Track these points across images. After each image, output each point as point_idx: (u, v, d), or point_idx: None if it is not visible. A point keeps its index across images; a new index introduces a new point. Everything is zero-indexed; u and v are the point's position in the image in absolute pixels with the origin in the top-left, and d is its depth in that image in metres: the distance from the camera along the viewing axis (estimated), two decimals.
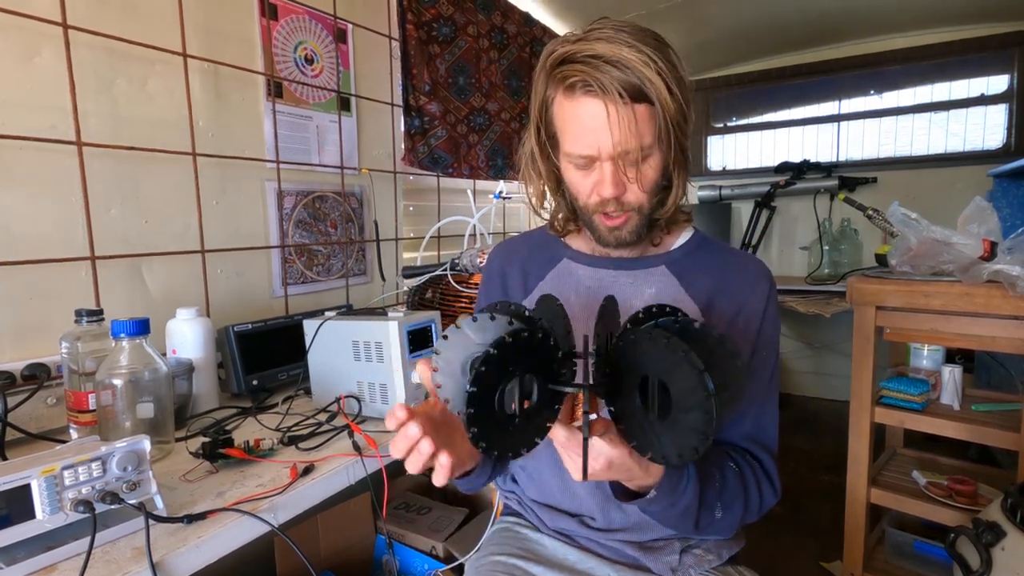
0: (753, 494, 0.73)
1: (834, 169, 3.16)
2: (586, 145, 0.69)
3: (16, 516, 0.59)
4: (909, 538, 1.59)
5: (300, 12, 1.49)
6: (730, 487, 0.70)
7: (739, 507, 0.71)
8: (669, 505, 0.64)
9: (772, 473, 0.76)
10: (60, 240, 1.06)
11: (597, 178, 0.71)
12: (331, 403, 1.06)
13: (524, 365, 0.50)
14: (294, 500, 0.78)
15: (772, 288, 0.79)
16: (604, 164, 0.69)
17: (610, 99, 0.65)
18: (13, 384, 0.94)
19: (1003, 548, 1.03)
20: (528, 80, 2.34)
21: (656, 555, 0.80)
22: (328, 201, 1.61)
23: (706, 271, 0.79)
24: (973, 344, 1.39)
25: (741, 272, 0.79)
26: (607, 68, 0.64)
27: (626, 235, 0.75)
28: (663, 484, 0.62)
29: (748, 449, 0.77)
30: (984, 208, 1.33)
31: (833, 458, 2.49)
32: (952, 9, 2.64)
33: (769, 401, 0.78)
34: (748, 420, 0.77)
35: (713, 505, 0.68)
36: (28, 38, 1.00)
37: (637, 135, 0.66)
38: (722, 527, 0.71)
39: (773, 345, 0.78)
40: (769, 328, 0.78)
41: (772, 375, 0.78)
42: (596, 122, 0.66)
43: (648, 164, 0.70)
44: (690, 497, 0.64)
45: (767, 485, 0.75)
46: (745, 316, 0.77)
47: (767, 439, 0.78)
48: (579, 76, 0.66)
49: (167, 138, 1.21)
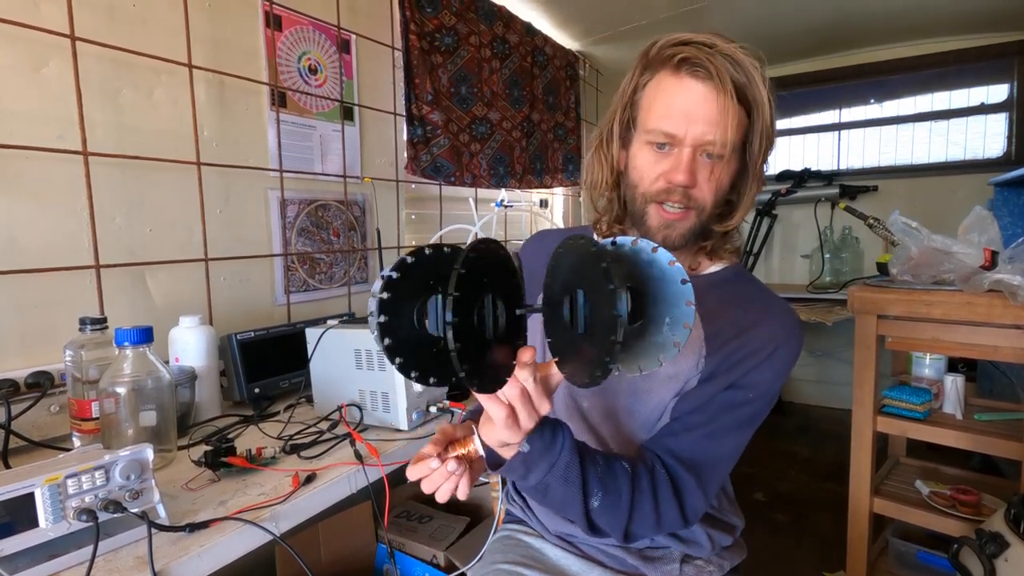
0: (645, 501, 0.66)
1: (835, 177, 3.17)
2: (674, 124, 0.68)
3: (19, 525, 0.60)
4: (912, 548, 1.58)
5: (304, 23, 1.51)
6: (616, 479, 0.65)
7: (623, 506, 0.65)
8: (548, 466, 0.59)
9: (688, 494, 0.69)
10: (65, 249, 1.06)
11: (671, 164, 0.70)
12: (333, 411, 1.06)
13: (491, 283, 0.48)
14: (296, 509, 0.78)
15: (787, 341, 0.73)
16: (684, 149, 0.68)
17: (715, 84, 0.66)
18: (17, 392, 0.95)
19: (1006, 559, 1.02)
20: (529, 89, 2.36)
21: (656, 564, 0.80)
22: (331, 209, 1.62)
23: (726, 302, 0.75)
24: (975, 353, 1.39)
25: (761, 314, 0.74)
26: (720, 59, 0.66)
27: (676, 236, 0.72)
28: (533, 433, 0.57)
29: (668, 464, 0.70)
30: (985, 217, 1.33)
31: (835, 467, 2.48)
32: (952, 18, 2.66)
33: (727, 437, 0.72)
34: (687, 436, 0.71)
35: (594, 489, 0.63)
36: (36, 49, 1.02)
37: (725, 130, 0.66)
38: (603, 524, 0.66)
39: (760, 391, 0.72)
40: (764, 374, 0.72)
41: (746, 418, 0.72)
42: (691, 103, 0.67)
43: (723, 167, 0.69)
44: (568, 455, 0.60)
45: (671, 502, 0.68)
46: (744, 353, 0.72)
47: (703, 465, 0.70)
48: (692, 55, 0.66)
49: (172, 147, 1.22)
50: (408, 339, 0.47)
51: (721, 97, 0.65)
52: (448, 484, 0.61)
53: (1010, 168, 2.51)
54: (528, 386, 0.52)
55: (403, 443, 0.99)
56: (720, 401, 0.72)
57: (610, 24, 2.52)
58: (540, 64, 2.43)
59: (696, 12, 2.38)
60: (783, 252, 3.38)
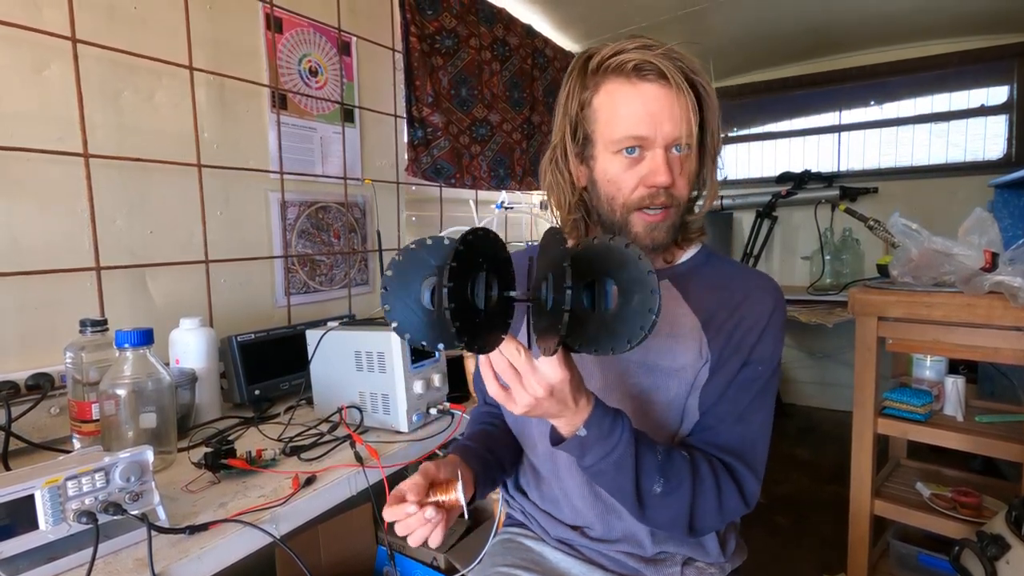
0: (707, 487, 0.69)
1: (835, 179, 3.17)
2: (644, 127, 0.69)
3: (19, 527, 0.60)
4: (913, 550, 1.57)
5: (305, 25, 1.51)
6: (675, 465, 0.67)
7: (685, 492, 0.67)
8: (604, 452, 0.63)
9: (742, 479, 0.72)
10: (66, 250, 1.07)
11: (648, 167, 0.71)
12: (333, 413, 1.06)
13: (485, 265, 0.56)
14: (296, 511, 0.78)
15: (777, 305, 0.76)
16: (656, 150, 0.70)
17: (670, 83, 0.68)
18: (17, 394, 0.95)
19: (1008, 561, 1.02)
20: (530, 92, 2.36)
21: (658, 567, 0.80)
22: (331, 211, 1.62)
23: (710, 286, 0.78)
24: (975, 355, 1.39)
25: (745, 287, 0.77)
26: (665, 59, 0.68)
27: (662, 234, 0.74)
28: (591, 420, 0.62)
29: (717, 456, 0.73)
30: (985, 219, 1.33)
31: (836, 469, 2.48)
32: (952, 21, 2.66)
33: (754, 414, 0.75)
34: (721, 427, 0.74)
35: (653, 476, 0.65)
36: (38, 52, 1.02)
37: (689, 123, 0.68)
38: (665, 514, 0.68)
39: (768, 361, 0.75)
40: (767, 344, 0.75)
41: (763, 389, 0.75)
42: (654, 104, 0.68)
43: (692, 159, 0.72)
44: (624, 445, 0.63)
45: (731, 487, 0.70)
46: (743, 330, 0.75)
47: (743, 449, 0.73)
48: (640, 60, 0.68)
49: (172, 149, 1.23)
50: (413, 312, 0.56)
51: (678, 94, 0.68)
52: (422, 531, 0.63)
53: (1010, 170, 2.51)
54: (515, 360, 0.57)
55: (403, 445, 0.98)
56: (738, 383, 0.74)
57: (611, 26, 2.53)
58: (541, 66, 2.44)
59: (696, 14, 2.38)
60: (783, 254, 3.38)
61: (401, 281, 0.56)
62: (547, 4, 2.33)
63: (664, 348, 0.74)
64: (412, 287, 0.56)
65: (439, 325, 0.55)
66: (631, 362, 0.75)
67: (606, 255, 0.57)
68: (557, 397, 0.59)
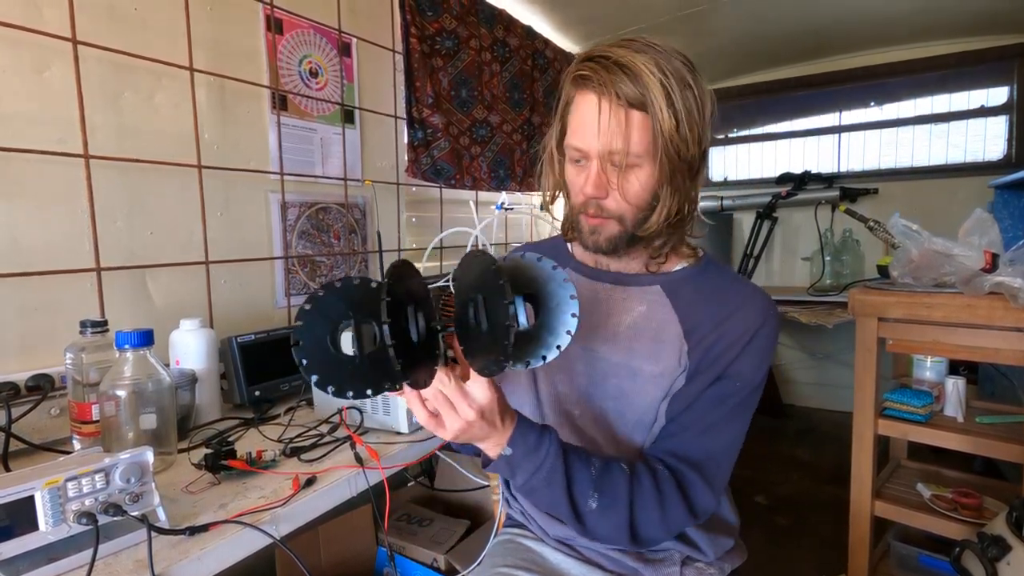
0: (647, 499, 0.68)
1: (835, 180, 3.17)
2: (580, 139, 0.70)
3: (19, 528, 0.59)
4: (914, 552, 1.57)
5: (305, 27, 1.51)
6: (612, 478, 0.67)
7: (623, 506, 0.67)
8: (532, 469, 0.64)
9: (693, 491, 0.70)
10: (66, 251, 1.06)
11: (584, 177, 0.72)
12: (333, 414, 1.06)
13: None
14: (296, 512, 0.78)
15: (765, 323, 0.74)
16: (592, 163, 0.70)
17: (605, 97, 0.67)
18: (17, 395, 0.95)
19: (1008, 562, 1.02)
20: (530, 92, 2.36)
21: (656, 567, 0.80)
22: (331, 212, 1.62)
23: (702, 296, 0.77)
24: (976, 356, 1.39)
25: (736, 301, 0.76)
26: (614, 69, 0.66)
27: (602, 241, 0.74)
28: (515, 438, 0.64)
29: (671, 464, 0.71)
30: (985, 219, 1.34)
31: (836, 470, 2.48)
32: (951, 22, 2.66)
33: (722, 429, 0.73)
34: (684, 435, 0.73)
35: (587, 491, 0.66)
36: (38, 53, 1.02)
37: (625, 139, 0.67)
38: (605, 527, 0.68)
39: (746, 379, 0.73)
40: (746, 361, 0.73)
41: (737, 407, 0.74)
42: (590, 117, 0.68)
43: (634, 174, 0.70)
44: (552, 460, 0.64)
45: (676, 499, 0.69)
46: (725, 344, 0.73)
47: (703, 462, 0.72)
48: (588, 72, 0.68)
49: (173, 150, 1.23)
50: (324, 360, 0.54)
51: (614, 108, 0.66)
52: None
53: (1010, 170, 2.51)
54: (445, 387, 0.59)
55: (403, 446, 0.98)
56: (710, 396, 0.73)
57: (611, 27, 2.53)
58: (541, 67, 2.44)
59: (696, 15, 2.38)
60: (784, 255, 3.38)
61: (313, 332, 0.54)
62: (547, 5, 2.33)
63: (648, 353, 0.75)
64: (323, 335, 0.54)
65: (365, 370, 0.54)
66: (616, 364, 0.76)
67: (519, 271, 0.60)
68: (487, 419, 0.61)
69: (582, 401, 0.78)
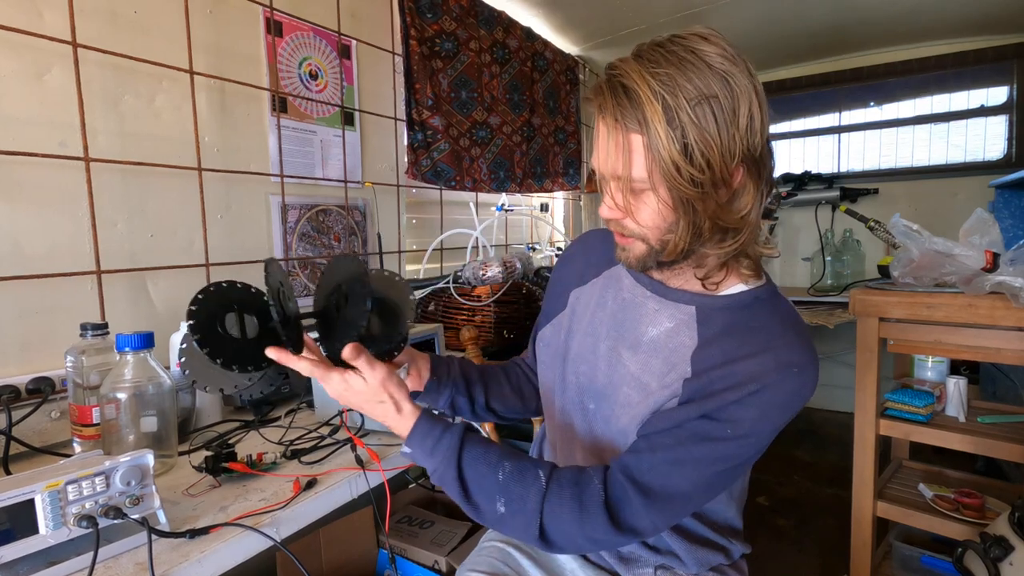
0: (564, 507, 0.66)
1: (835, 180, 3.17)
2: (594, 160, 0.69)
3: (19, 531, 0.59)
4: (916, 552, 1.57)
5: (305, 29, 1.51)
6: (525, 481, 0.68)
7: (532, 512, 0.66)
8: (430, 470, 0.71)
9: (622, 509, 0.66)
10: (67, 254, 1.07)
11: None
12: (333, 416, 1.06)
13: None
14: (297, 514, 0.78)
15: (784, 380, 0.66)
16: (606, 184, 0.69)
17: (604, 119, 0.64)
18: (18, 398, 0.95)
19: (1011, 563, 1.02)
20: (529, 94, 2.36)
21: (630, 567, 0.82)
22: (332, 214, 1.62)
23: (730, 329, 0.71)
24: (977, 356, 1.39)
25: (759, 343, 0.68)
26: (617, 89, 0.62)
27: (631, 259, 0.71)
28: (414, 438, 0.71)
29: (615, 479, 0.68)
30: (986, 219, 1.33)
31: (838, 471, 2.47)
32: (951, 22, 2.66)
33: (692, 469, 0.67)
34: (649, 457, 0.68)
35: (493, 496, 0.68)
36: (39, 57, 1.02)
37: (626, 164, 0.63)
38: (514, 527, 0.68)
39: (739, 429, 0.66)
40: (746, 412, 0.66)
41: (719, 456, 0.67)
42: (599, 139, 0.66)
43: (645, 198, 0.65)
44: (445, 467, 0.69)
45: (598, 513, 0.66)
46: (727, 383, 0.67)
47: (655, 489, 0.66)
48: (591, 93, 0.67)
49: (173, 153, 1.23)
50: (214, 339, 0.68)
51: (612, 131, 0.63)
52: None
53: (1010, 170, 2.51)
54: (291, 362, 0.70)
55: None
56: (691, 429, 0.67)
57: (610, 29, 2.53)
58: (540, 69, 2.44)
59: (696, 16, 2.39)
60: (784, 255, 3.37)
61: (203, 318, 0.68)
62: (546, 7, 2.33)
63: (659, 372, 0.73)
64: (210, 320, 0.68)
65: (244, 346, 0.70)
66: (632, 375, 0.76)
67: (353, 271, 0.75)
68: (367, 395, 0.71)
69: (598, 399, 0.79)
